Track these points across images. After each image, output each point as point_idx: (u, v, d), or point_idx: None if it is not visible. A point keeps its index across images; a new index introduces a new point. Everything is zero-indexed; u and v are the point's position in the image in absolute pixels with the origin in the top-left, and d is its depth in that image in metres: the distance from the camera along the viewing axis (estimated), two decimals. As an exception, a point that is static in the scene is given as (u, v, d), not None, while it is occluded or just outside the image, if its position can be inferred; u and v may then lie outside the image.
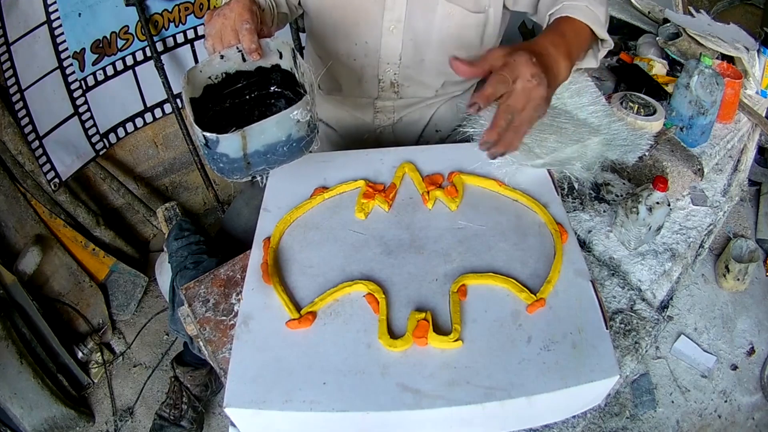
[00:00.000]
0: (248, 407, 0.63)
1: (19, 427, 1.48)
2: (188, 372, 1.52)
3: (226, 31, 0.82)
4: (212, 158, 0.76)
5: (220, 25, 0.82)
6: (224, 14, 0.82)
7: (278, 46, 0.86)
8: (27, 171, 1.62)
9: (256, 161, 0.77)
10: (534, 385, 0.64)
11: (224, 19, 0.82)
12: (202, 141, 0.74)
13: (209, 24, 0.83)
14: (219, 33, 0.82)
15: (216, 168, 0.79)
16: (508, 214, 0.87)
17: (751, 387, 1.72)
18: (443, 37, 1.07)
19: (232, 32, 0.81)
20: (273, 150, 0.77)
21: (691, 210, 1.09)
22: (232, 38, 0.82)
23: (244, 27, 0.80)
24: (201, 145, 0.76)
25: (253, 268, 0.79)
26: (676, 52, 1.40)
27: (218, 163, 0.76)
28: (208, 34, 0.83)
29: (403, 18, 1.04)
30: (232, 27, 0.81)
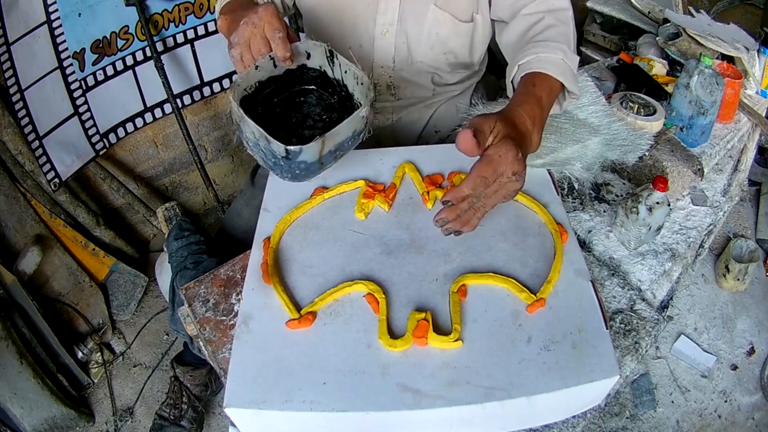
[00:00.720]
0: (248, 407, 0.63)
1: (19, 427, 1.48)
2: (188, 372, 1.52)
3: (255, 40, 0.80)
4: (288, 168, 0.77)
5: (249, 34, 0.80)
6: (253, 22, 0.79)
7: (307, 48, 0.86)
8: (27, 171, 1.62)
9: (327, 160, 0.80)
10: (534, 385, 0.64)
11: (253, 27, 0.79)
12: (281, 154, 0.75)
13: (236, 33, 0.80)
14: (247, 41, 0.80)
15: (289, 176, 0.80)
16: (508, 214, 0.87)
17: (751, 387, 1.72)
18: (433, 43, 1.09)
19: (263, 40, 0.80)
20: (341, 147, 0.81)
21: (691, 210, 1.09)
22: (263, 46, 0.80)
23: (277, 35, 0.79)
24: (276, 158, 0.76)
25: (253, 268, 0.79)
26: (676, 52, 1.40)
27: (294, 171, 0.78)
28: (235, 43, 0.81)
29: (395, 21, 1.05)
30: (262, 35, 0.80)
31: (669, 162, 1.05)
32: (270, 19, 0.79)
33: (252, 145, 0.80)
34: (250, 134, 0.77)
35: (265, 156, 0.78)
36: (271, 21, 0.79)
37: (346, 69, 0.85)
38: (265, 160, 0.80)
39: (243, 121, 0.77)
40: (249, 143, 0.81)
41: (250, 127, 0.76)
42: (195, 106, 1.97)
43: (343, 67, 0.86)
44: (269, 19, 0.79)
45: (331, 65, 0.87)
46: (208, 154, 2.18)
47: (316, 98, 0.92)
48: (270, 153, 0.76)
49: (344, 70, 0.86)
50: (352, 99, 0.88)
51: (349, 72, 0.85)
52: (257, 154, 0.80)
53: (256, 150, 0.80)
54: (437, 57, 1.11)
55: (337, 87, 0.90)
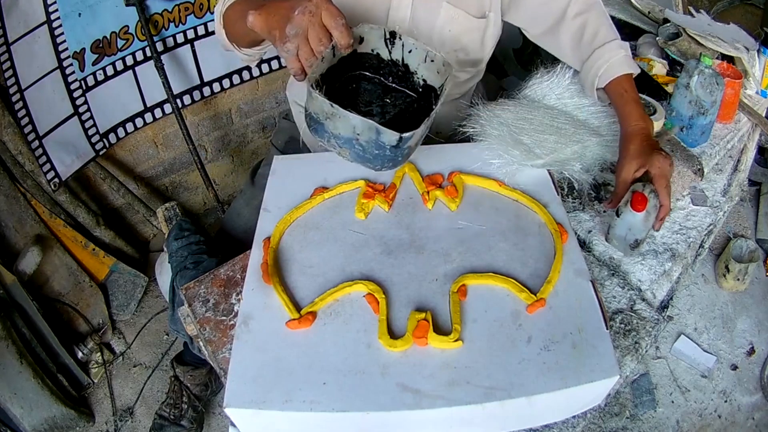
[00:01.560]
0: (248, 407, 0.63)
1: (19, 427, 1.48)
2: (188, 371, 1.52)
3: (314, 30, 0.74)
4: (392, 156, 0.76)
5: (306, 24, 0.73)
6: (309, 11, 0.73)
7: (362, 32, 0.84)
8: (27, 171, 1.62)
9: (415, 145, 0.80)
10: (534, 385, 0.64)
11: (311, 16, 0.73)
12: (392, 143, 0.73)
13: (291, 24, 0.74)
14: (305, 32, 0.74)
15: (390, 164, 0.78)
16: (508, 214, 0.87)
17: (751, 387, 1.72)
18: (444, 39, 1.08)
19: (322, 29, 0.74)
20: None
21: (691, 210, 1.09)
22: (323, 36, 0.74)
23: (340, 23, 0.74)
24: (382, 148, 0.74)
25: (253, 268, 0.79)
26: (676, 52, 1.40)
27: (397, 158, 0.77)
28: (291, 36, 0.74)
29: (407, 18, 1.05)
30: (320, 24, 0.74)
31: (669, 162, 1.05)
32: (328, 6, 0.74)
33: (343, 140, 0.76)
34: (345, 129, 0.74)
35: (365, 149, 0.75)
36: (329, 7, 0.74)
37: (411, 48, 0.85)
38: (362, 154, 0.77)
39: (336, 116, 0.73)
40: (338, 140, 0.77)
41: (350, 122, 0.72)
42: (195, 106, 1.97)
43: (407, 47, 0.85)
44: (327, 5, 0.74)
45: (388, 47, 0.86)
46: (208, 154, 2.18)
47: (368, 81, 0.90)
48: (375, 145, 0.74)
49: (408, 50, 0.85)
50: (412, 76, 0.88)
51: (415, 51, 0.84)
52: (352, 149, 0.77)
53: (348, 146, 0.76)
54: (448, 54, 1.09)
55: (393, 67, 0.89)
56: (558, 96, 1.11)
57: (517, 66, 2.33)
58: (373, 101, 0.90)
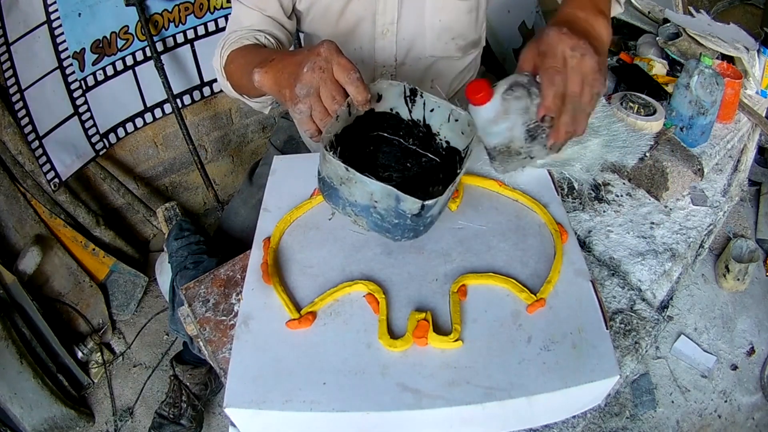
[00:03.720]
0: (248, 407, 0.63)
1: (19, 427, 1.48)
2: (188, 370, 1.52)
3: (326, 86, 0.67)
4: (413, 226, 0.69)
5: (317, 82, 0.67)
6: (319, 66, 0.67)
7: (380, 89, 0.77)
8: (27, 171, 1.62)
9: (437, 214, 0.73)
10: (534, 385, 0.64)
11: (321, 72, 0.67)
12: (414, 212, 0.66)
13: (301, 83, 0.68)
14: (317, 91, 0.68)
15: (411, 234, 0.71)
16: (508, 214, 0.87)
17: (751, 387, 1.72)
18: (438, 32, 1.06)
19: (335, 85, 0.68)
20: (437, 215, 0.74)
21: (691, 210, 1.09)
22: (337, 93, 0.68)
23: (354, 78, 0.67)
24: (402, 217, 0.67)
25: (253, 268, 0.79)
26: (676, 52, 1.40)
27: (419, 228, 0.70)
28: (302, 96, 0.68)
29: (395, 20, 1.03)
30: (332, 80, 0.67)
31: (669, 162, 1.05)
32: (339, 59, 0.67)
33: (360, 208, 0.69)
34: (362, 195, 0.67)
35: (383, 218, 0.68)
36: (341, 60, 0.67)
37: (433, 107, 0.76)
38: (380, 224, 0.70)
39: (353, 181, 0.65)
40: (354, 207, 0.70)
41: (367, 188, 0.65)
42: (195, 106, 1.97)
43: (429, 106, 0.76)
44: (337, 59, 0.67)
45: (409, 105, 0.78)
46: (208, 154, 2.18)
47: (387, 144, 0.83)
48: (394, 213, 0.67)
49: (430, 109, 0.77)
50: (435, 138, 0.80)
51: (438, 110, 0.76)
52: (369, 218, 0.70)
53: (365, 214, 0.69)
54: (447, 45, 1.08)
55: (414, 128, 0.81)
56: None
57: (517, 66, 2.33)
58: (392, 165, 0.83)
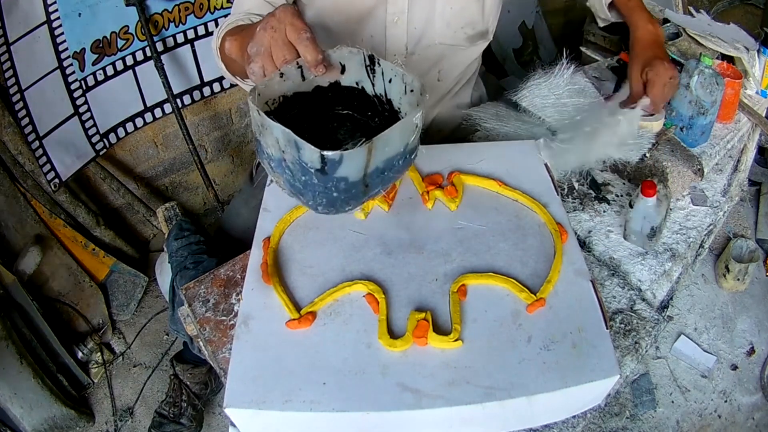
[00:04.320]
0: (248, 407, 0.63)
1: (19, 427, 1.48)
2: (188, 370, 1.52)
3: (277, 46, 0.68)
4: (323, 188, 0.64)
5: (268, 40, 0.68)
6: (271, 26, 0.68)
7: (341, 58, 0.74)
8: (27, 171, 1.62)
9: (373, 182, 0.66)
10: (534, 385, 0.64)
11: (273, 32, 0.68)
12: (315, 165, 0.61)
13: (253, 42, 0.69)
14: (268, 50, 0.68)
15: (324, 201, 0.66)
16: (508, 214, 0.87)
17: (751, 387, 1.72)
18: (448, 19, 1.07)
19: (286, 46, 0.68)
20: (390, 165, 0.67)
21: (691, 210, 1.09)
22: (287, 53, 0.68)
23: (305, 36, 0.67)
24: (308, 173, 0.62)
25: (253, 268, 0.79)
26: (676, 52, 1.40)
27: (331, 192, 0.64)
28: (254, 54, 0.69)
29: (405, 9, 1.04)
30: (284, 40, 0.68)
31: (669, 162, 1.05)
32: (292, 20, 0.68)
33: (275, 162, 0.67)
34: (272, 144, 0.64)
35: (293, 174, 0.65)
36: (293, 21, 0.68)
37: (391, 77, 0.74)
38: (292, 182, 0.66)
39: (264, 127, 0.64)
40: (271, 161, 0.68)
41: (274, 133, 0.62)
42: (195, 106, 1.97)
43: (387, 75, 0.74)
44: (291, 19, 0.68)
45: (371, 76, 0.76)
46: (208, 154, 2.18)
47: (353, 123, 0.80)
48: (300, 168, 0.63)
49: (388, 79, 0.74)
50: (398, 117, 0.76)
51: (395, 79, 0.73)
52: (283, 174, 0.67)
53: (280, 170, 0.67)
54: (456, 33, 1.09)
55: (378, 105, 0.78)
56: (557, 96, 1.11)
57: (517, 66, 2.33)
58: (348, 140, 0.80)
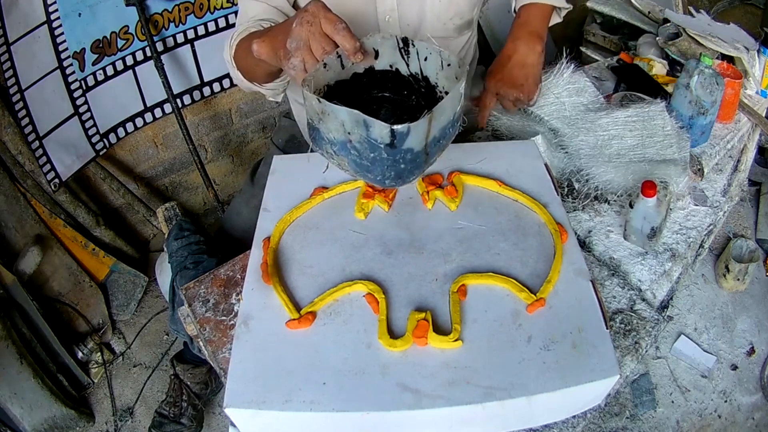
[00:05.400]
0: (248, 407, 0.63)
1: (19, 427, 1.48)
2: (188, 369, 1.52)
3: (315, 38, 0.70)
4: (392, 161, 0.67)
5: (306, 34, 0.70)
6: (307, 20, 0.70)
7: (374, 44, 0.77)
8: (27, 171, 1.62)
9: (432, 150, 0.70)
10: (534, 385, 0.64)
11: (309, 26, 0.70)
12: (385, 140, 0.64)
13: (291, 38, 0.71)
14: (307, 44, 0.70)
15: (392, 173, 0.69)
16: (508, 214, 0.87)
17: (751, 387, 1.72)
18: (438, 12, 1.08)
19: (323, 37, 0.70)
20: (444, 133, 0.71)
21: (691, 210, 1.09)
22: (326, 44, 0.71)
23: (341, 27, 0.70)
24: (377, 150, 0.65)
25: (252, 268, 0.79)
26: (676, 52, 1.40)
27: (398, 165, 0.68)
28: (293, 50, 0.71)
29: (396, 6, 1.04)
30: (321, 32, 0.70)
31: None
32: (325, 13, 0.70)
33: (339, 146, 0.69)
34: (336, 128, 0.67)
35: (360, 153, 0.67)
36: (327, 14, 0.70)
37: (426, 55, 0.77)
38: (359, 161, 0.69)
39: (326, 113, 0.66)
40: (333, 146, 0.70)
41: (339, 117, 0.65)
42: (195, 106, 1.97)
43: (422, 54, 0.77)
44: (324, 13, 0.70)
45: (405, 58, 0.79)
46: (208, 154, 2.18)
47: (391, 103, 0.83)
48: (368, 145, 0.65)
49: (423, 57, 0.77)
50: (436, 91, 0.79)
51: (430, 57, 0.76)
52: (348, 156, 0.69)
53: (344, 152, 0.69)
54: (445, 25, 1.11)
55: (414, 84, 0.81)
56: (556, 95, 1.11)
57: (517, 66, 2.33)
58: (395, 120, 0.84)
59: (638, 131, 1.05)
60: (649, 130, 1.05)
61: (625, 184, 1.01)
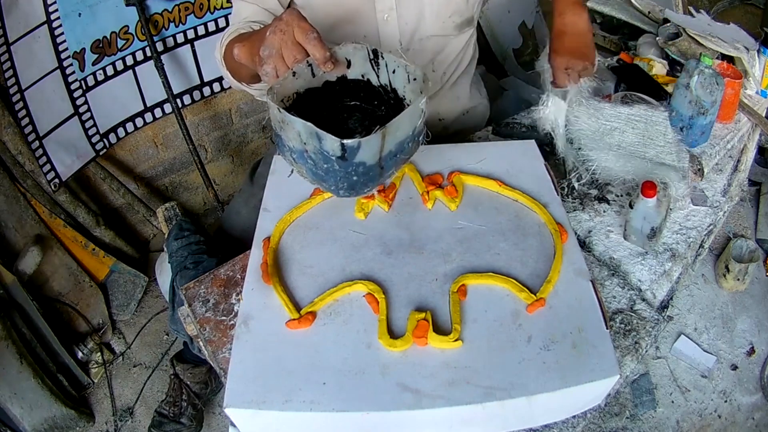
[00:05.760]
0: (248, 407, 0.64)
1: (19, 427, 1.48)
2: (188, 369, 1.52)
3: (287, 47, 0.72)
4: (344, 173, 0.69)
5: (278, 42, 0.72)
6: (280, 29, 0.72)
7: (347, 54, 0.79)
8: (27, 171, 1.62)
9: (387, 164, 0.72)
10: (534, 385, 0.64)
11: (282, 34, 0.72)
12: (336, 153, 0.67)
13: (264, 45, 0.72)
14: (279, 51, 0.72)
15: (345, 185, 0.72)
16: (508, 214, 0.87)
17: (751, 387, 1.72)
18: (436, 10, 1.08)
19: (296, 46, 0.72)
20: (401, 148, 0.72)
21: (691, 210, 1.09)
22: (297, 52, 0.72)
23: (312, 36, 0.71)
24: (329, 161, 0.68)
25: (252, 268, 0.79)
26: (676, 52, 1.40)
27: (351, 177, 0.70)
28: (266, 57, 0.73)
29: (394, 5, 1.04)
30: (293, 41, 0.72)
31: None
32: (298, 22, 0.72)
33: (297, 154, 0.72)
34: (294, 137, 0.70)
35: (316, 163, 0.70)
36: (300, 23, 0.72)
37: (394, 68, 0.79)
38: (315, 171, 0.72)
39: (285, 122, 0.69)
40: (293, 153, 0.73)
41: (296, 127, 0.68)
42: (195, 106, 1.97)
43: (390, 66, 0.79)
44: (297, 21, 0.72)
45: (375, 69, 0.81)
46: (208, 154, 2.18)
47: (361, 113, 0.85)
48: (322, 157, 0.68)
49: (392, 70, 0.79)
50: (403, 104, 0.81)
51: (398, 71, 0.78)
52: (305, 164, 0.72)
53: (302, 161, 0.72)
54: (445, 23, 1.11)
55: (384, 95, 0.83)
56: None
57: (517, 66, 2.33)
58: (359, 129, 0.85)
59: (640, 130, 1.05)
60: (651, 131, 1.05)
61: (623, 176, 1.01)
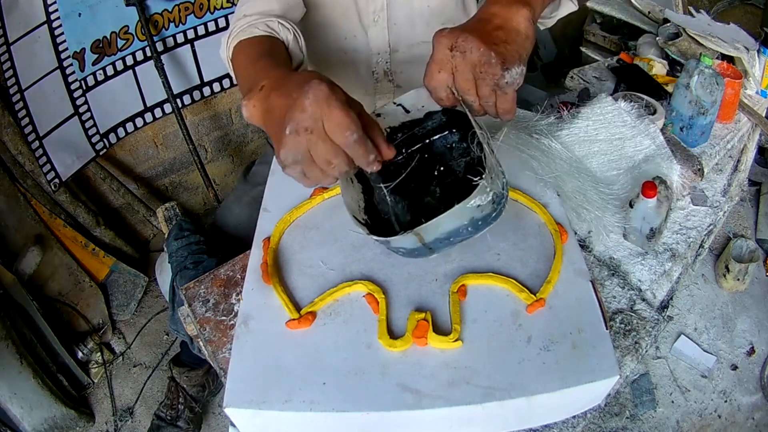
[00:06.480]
0: (248, 407, 0.63)
1: (19, 427, 1.48)
2: (184, 373, 1.52)
3: (318, 150, 0.54)
4: (427, 250, 0.70)
5: (305, 146, 0.54)
6: (305, 128, 0.53)
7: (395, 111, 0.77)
8: (27, 171, 1.63)
9: (437, 246, 0.69)
10: (534, 385, 0.64)
11: (308, 134, 0.53)
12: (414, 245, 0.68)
13: (285, 149, 0.55)
14: (306, 156, 0.55)
15: (397, 253, 0.73)
16: (508, 214, 0.86)
17: (751, 387, 1.72)
18: (427, 18, 1.07)
19: (330, 147, 0.54)
20: (456, 233, 0.67)
21: (691, 210, 1.09)
22: (333, 156, 0.55)
23: (352, 140, 0.54)
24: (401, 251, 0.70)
25: (252, 268, 0.79)
26: (676, 52, 1.40)
27: (398, 251, 0.71)
28: (290, 163, 0.55)
29: (385, 7, 1.04)
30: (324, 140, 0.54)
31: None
32: (331, 113, 0.53)
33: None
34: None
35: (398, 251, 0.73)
36: (333, 115, 0.53)
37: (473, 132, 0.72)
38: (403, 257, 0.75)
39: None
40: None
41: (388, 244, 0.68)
42: (195, 106, 1.97)
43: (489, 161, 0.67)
44: (329, 112, 0.53)
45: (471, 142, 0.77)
46: (208, 154, 2.18)
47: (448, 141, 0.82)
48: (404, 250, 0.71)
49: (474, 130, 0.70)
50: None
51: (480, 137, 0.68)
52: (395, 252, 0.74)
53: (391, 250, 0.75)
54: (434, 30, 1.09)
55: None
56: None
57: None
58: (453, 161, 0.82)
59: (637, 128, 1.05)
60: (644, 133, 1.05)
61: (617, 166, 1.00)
